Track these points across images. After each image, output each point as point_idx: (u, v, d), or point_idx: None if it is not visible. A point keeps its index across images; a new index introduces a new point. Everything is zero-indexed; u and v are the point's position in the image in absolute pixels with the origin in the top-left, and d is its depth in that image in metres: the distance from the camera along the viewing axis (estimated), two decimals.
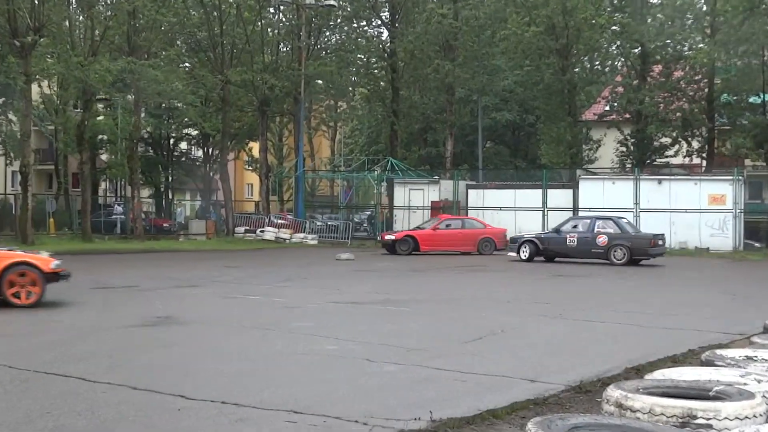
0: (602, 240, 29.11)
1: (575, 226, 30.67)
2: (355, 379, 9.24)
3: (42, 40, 36.52)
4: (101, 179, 60.11)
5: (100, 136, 52.24)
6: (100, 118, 49.82)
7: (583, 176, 41.11)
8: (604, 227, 29.51)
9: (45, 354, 10.82)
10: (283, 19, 52.93)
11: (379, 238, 41.36)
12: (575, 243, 29.85)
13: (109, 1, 44.28)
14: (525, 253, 30.29)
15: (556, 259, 30.32)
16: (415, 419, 7.17)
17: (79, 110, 46.15)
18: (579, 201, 39.13)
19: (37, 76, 41.03)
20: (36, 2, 35.60)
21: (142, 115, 46.50)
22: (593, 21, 43.55)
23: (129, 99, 45.44)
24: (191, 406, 7.87)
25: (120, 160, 46.69)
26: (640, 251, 28.90)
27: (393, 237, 35.49)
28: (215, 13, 46.29)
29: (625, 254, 28.62)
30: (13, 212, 40.89)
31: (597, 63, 52.88)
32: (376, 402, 8.07)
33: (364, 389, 8.74)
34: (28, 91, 36.89)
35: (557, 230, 31.05)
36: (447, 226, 35.96)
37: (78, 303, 16.23)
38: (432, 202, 41.97)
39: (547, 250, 30.31)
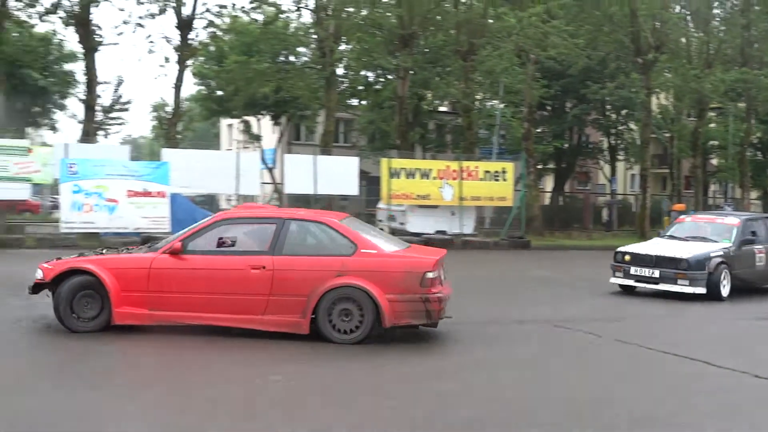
0: None
1: None
2: None
3: (662, 56, 36.95)
4: (711, 181, 59.14)
5: (711, 142, 51.47)
6: (712, 125, 49.09)
7: None
8: None
9: (674, 336, 11.18)
10: None
11: None
12: None
13: (723, 17, 43.38)
14: None
15: None
16: None
17: (693, 119, 45.97)
18: None
19: (656, 89, 41.60)
20: (657, 24, 36.17)
21: (753, 121, 44.76)
22: None
23: (740, 107, 44.11)
24: None
25: (731, 164, 45.57)
26: None
27: None
28: None
29: None
30: (633, 210, 42.12)
31: None
32: None
33: None
34: (648, 103, 37.70)
35: None
36: None
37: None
38: None
39: None
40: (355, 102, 45.25)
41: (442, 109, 48.40)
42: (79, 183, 22.76)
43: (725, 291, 15.39)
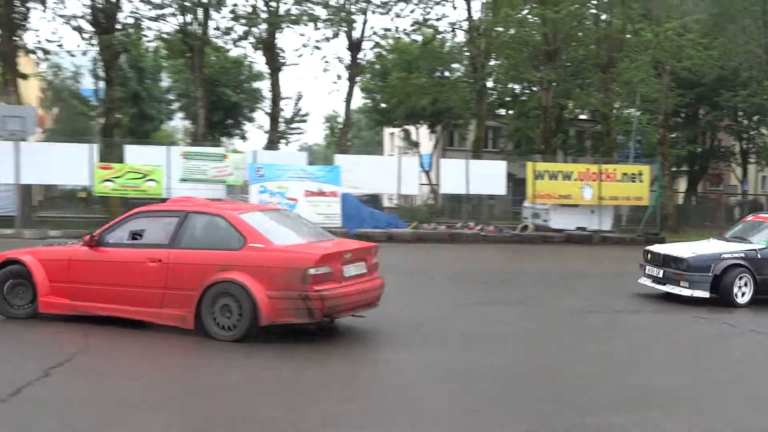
0: None
1: None
2: None
3: None
4: None
5: None
6: None
7: None
8: None
9: None
10: None
11: None
12: None
13: None
14: None
15: None
16: None
17: None
18: None
19: None
20: None
21: None
22: None
23: None
24: None
25: None
26: None
27: None
28: None
29: None
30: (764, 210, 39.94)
31: None
32: None
33: None
34: None
35: None
36: None
37: None
38: None
39: None
40: (503, 111, 44.92)
41: (582, 117, 47.40)
42: (265, 184, 23.62)
43: (743, 297, 12.20)
